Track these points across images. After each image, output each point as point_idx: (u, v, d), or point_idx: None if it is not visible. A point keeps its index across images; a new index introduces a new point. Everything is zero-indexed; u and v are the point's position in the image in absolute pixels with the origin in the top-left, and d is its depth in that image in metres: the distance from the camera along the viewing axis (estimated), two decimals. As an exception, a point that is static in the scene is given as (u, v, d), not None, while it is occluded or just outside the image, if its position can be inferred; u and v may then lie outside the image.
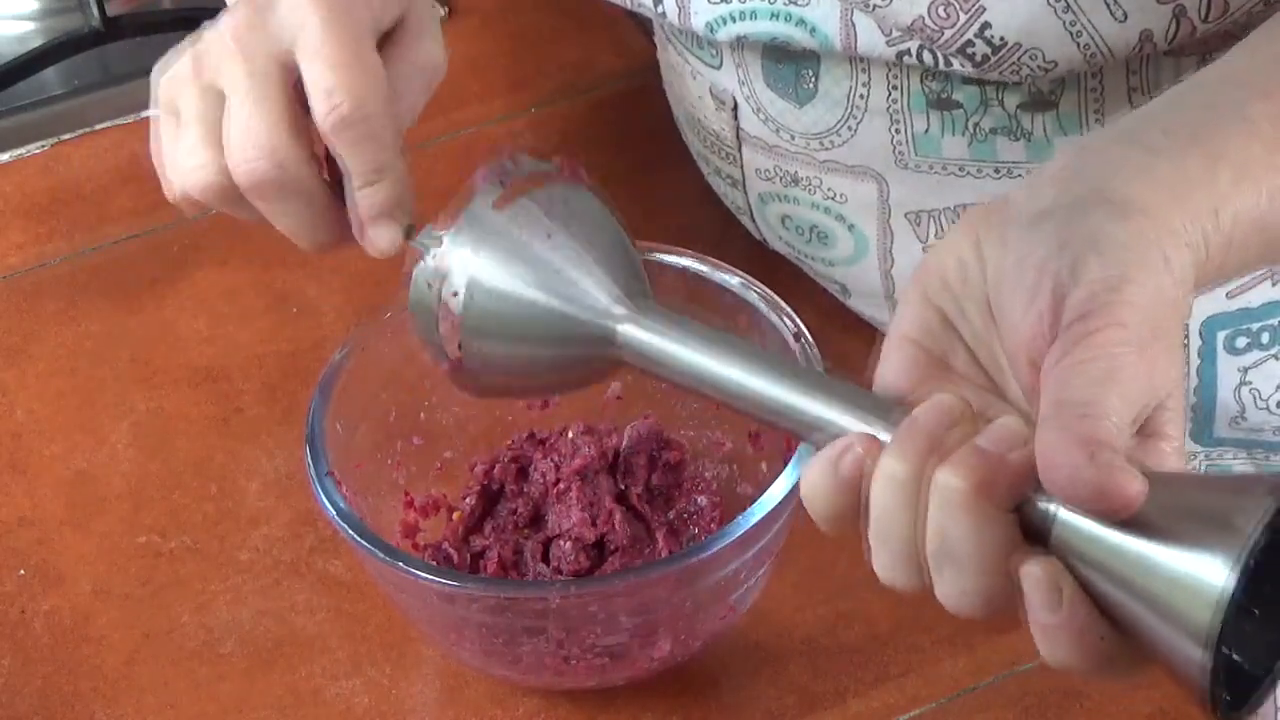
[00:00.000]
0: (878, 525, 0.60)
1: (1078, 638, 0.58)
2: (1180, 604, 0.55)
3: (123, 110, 1.11)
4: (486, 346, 0.70)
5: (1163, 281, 0.60)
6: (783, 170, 0.91)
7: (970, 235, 0.63)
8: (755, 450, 0.84)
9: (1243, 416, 0.91)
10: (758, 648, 0.83)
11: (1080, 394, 0.57)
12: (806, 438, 0.64)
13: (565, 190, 0.70)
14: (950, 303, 0.63)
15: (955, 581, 0.59)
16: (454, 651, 0.80)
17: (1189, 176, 0.62)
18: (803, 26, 0.84)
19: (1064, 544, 0.57)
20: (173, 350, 0.98)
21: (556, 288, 0.69)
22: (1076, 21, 0.79)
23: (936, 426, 0.59)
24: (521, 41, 1.15)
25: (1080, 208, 0.61)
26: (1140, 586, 0.56)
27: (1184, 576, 0.55)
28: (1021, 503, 0.58)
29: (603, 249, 0.70)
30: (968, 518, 0.58)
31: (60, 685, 0.84)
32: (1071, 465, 0.56)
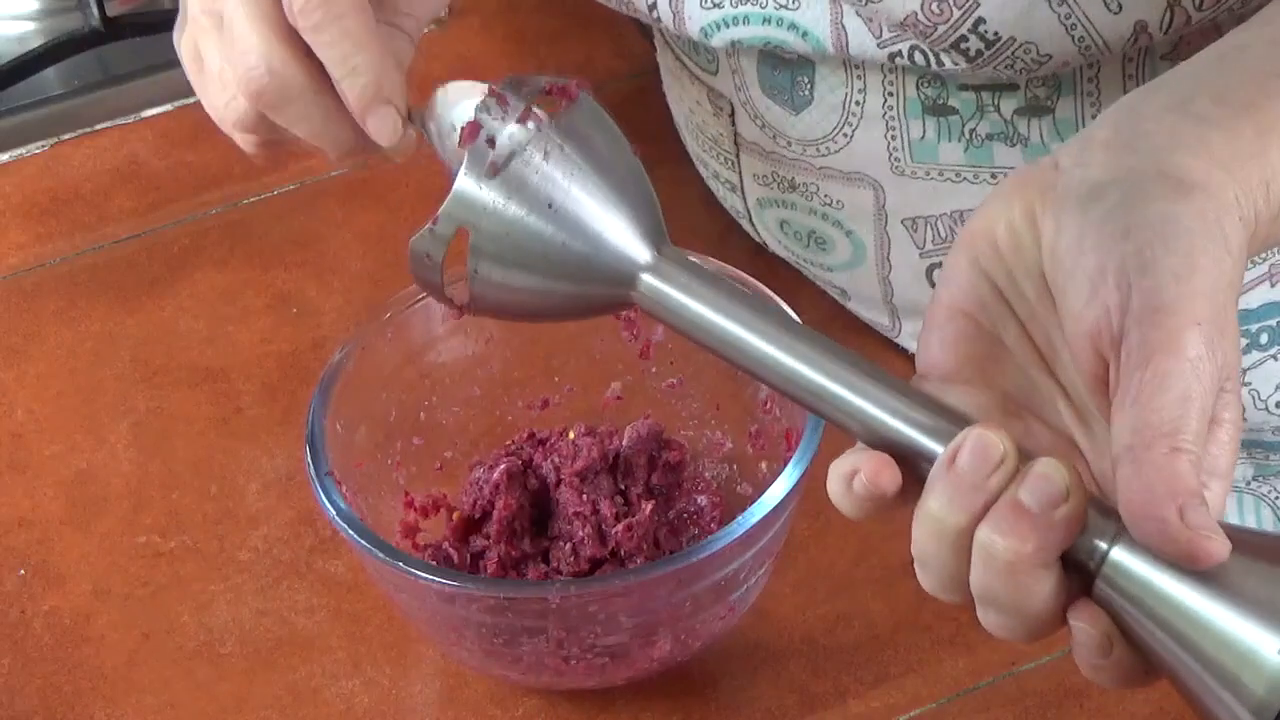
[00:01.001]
0: (921, 557, 0.60)
1: (1122, 676, 0.58)
2: (1240, 674, 0.54)
3: (123, 110, 1.11)
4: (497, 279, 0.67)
5: (1225, 264, 0.59)
6: (780, 176, 0.91)
7: (1020, 201, 0.62)
8: (755, 450, 0.84)
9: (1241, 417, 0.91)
10: (758, 648, 0.83)
11: (1165, 417, 0.56)
12: (836, 423, 0.63)
13: (568, 119, 0.68)
14: (1002, 273, 0.62)
15: (1000, 620, 0.59)
16: (454, 651, 0.80)
17: (1242, 149, 0.62)
18: (794, 30, 0.84)
19: (1114, 585, 0.57)
20: (173, 350, 0.98)
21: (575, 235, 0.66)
22: (1071, 14, 0.79)
23: (980, 474, 0.58)
24: (521, 41, 1.15)
25: (1137, 184, 0.60)
26: (1195, 643, 0.55)
27: (1248, 649, 0.54)
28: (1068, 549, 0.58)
29: (618, 184, 0.68)
30: (1013, 577, 0.58)
31: (60, 685, 0.84)
32: (1161, 520, 0.56)
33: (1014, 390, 0.63)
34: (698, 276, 0.66)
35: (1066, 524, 0.57)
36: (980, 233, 0.62)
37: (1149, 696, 0.80)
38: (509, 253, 0.67)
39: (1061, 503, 0.57)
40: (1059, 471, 0.58)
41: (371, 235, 1.02)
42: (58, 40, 1.15)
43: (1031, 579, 0.58)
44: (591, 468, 0.83)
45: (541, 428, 0.86)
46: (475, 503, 0.83)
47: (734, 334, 0.65)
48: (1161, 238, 0.59)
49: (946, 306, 0.63)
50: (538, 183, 0.66)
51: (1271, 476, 0.94)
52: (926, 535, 0.59)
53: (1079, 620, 0.58)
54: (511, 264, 0.67)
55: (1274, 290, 0.88)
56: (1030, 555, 0.57)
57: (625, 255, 0.66)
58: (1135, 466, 0.56)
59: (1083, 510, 0.57)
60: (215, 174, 1.07)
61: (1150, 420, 0.57)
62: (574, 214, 0.66)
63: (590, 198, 0.67)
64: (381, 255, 1.01)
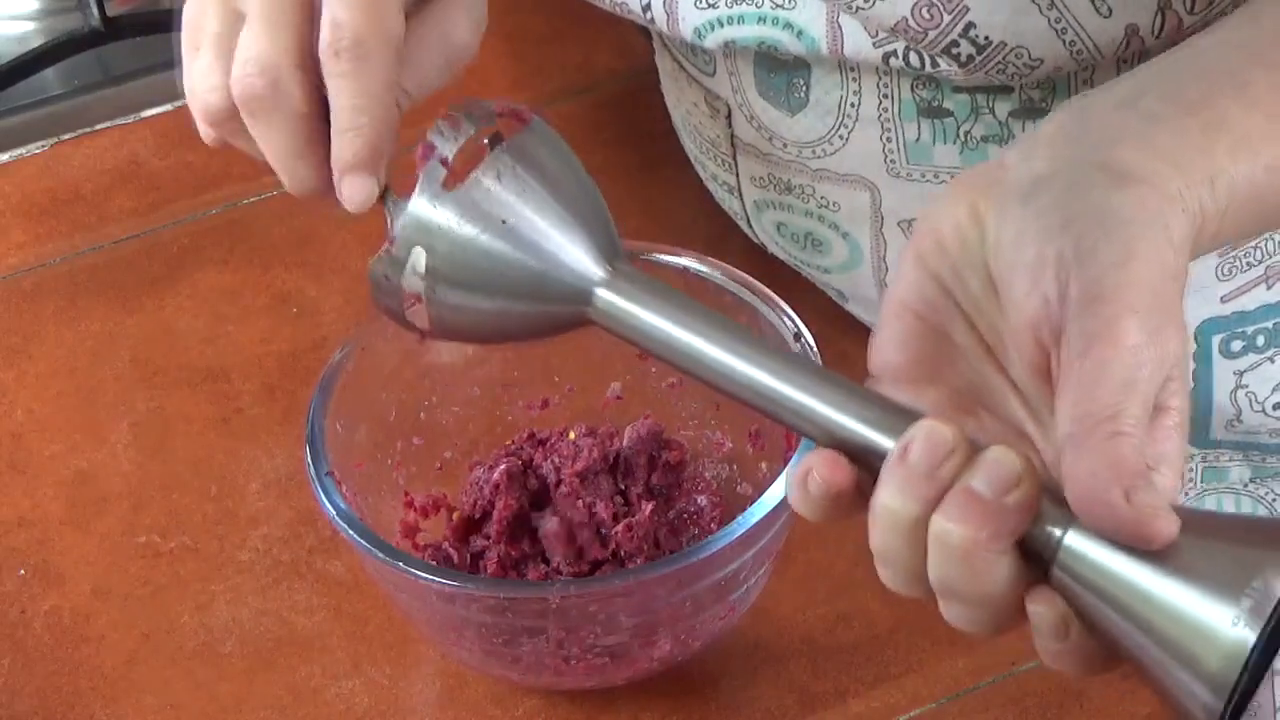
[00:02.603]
0: (879, 552, 0.60)
1: (1083, 660, 0.58)
2: (1195, 649, 0.55)
3: (123, 110, 1.11)
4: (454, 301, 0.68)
5: (1165, 255, 0.59)
6: (776, 178, 0.91)
7: (965, 199, 0.62)
8: (755, 450, 0.84)
9: (1238, 419, 0.91)
10: (758, 648, 0.83)
11: (1105, 403, 0.57)
12: (793, 426, 0.63)
13: (520, 141, 0.69)
14: (948, 270, 0.62)
15: (961, 611, 0.60)
16: (454, 651, 0.80)
17: (1187, 144, 0.62)
18: (790, 30, 0.84)
19: (1069, 570, 0.57)
20: (173, 350, 0.98)
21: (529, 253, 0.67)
22: (1061, 18, 0.79)
23: (931, 464, 0.58)
24: (521, 41, 1.15)
25: (1078, 177, 0.61)
26: (1151, 624, 0.56)
27: (1203, 627, 0.55)
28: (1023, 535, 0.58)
29: (571, 203, 0.68)
30: (969, 564, 0.58)
31: (60, 685, 0.84)
32: (1108, 504, 0.56)
33: (965, 386, 0.64)
34: (650, 290, 0.67)
35: (1019, 509, 0.57)
36: (927, 232, 0.63)
37: (1149, 697, 0.80)
38: (464, 273, 0.67)
39: (1014, 488, 0.57)
40: (1010, 457, 0.58)
41: (371, 235, 1.02)
42: (58, 40, 1.15)
43: (988, 566, 0.58)
44: (591, 468, 0.83)
45: (541, 428, 0.86)
46: (475, 503, 0.83)
47: (687, 344, 0.65)
48: (1100, 228, 0.59)
49: (895, 306, 0.63)
50: (491, 202, 0.67)
51: (1269, 479, 0.94)
52: (882, 529, 0.59)
53: (1035, 604, 0.58)
54: (467, 285, 0.68)
55: (1270, 292, 0.88)
56: (985, 542, 0.57)
57: (579, 272, 0.67)
58: (1078, 452, 0.57)
59: (1035, 495, 0.57)
60: (215, 174, 1.07)
61: (1090, 408, 0.57)
62: (527, 233, 0.67)
63: (543, 217, 0.67)
64: (381, 255, 1.01)
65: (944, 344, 0.63)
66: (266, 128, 0.74)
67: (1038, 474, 0.58)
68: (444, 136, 0.69)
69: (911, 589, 0.60)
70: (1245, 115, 0.64)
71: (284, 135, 0.74)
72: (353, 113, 0.73)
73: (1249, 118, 0.64)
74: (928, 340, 0.63)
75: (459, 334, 0.71)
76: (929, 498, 0.58)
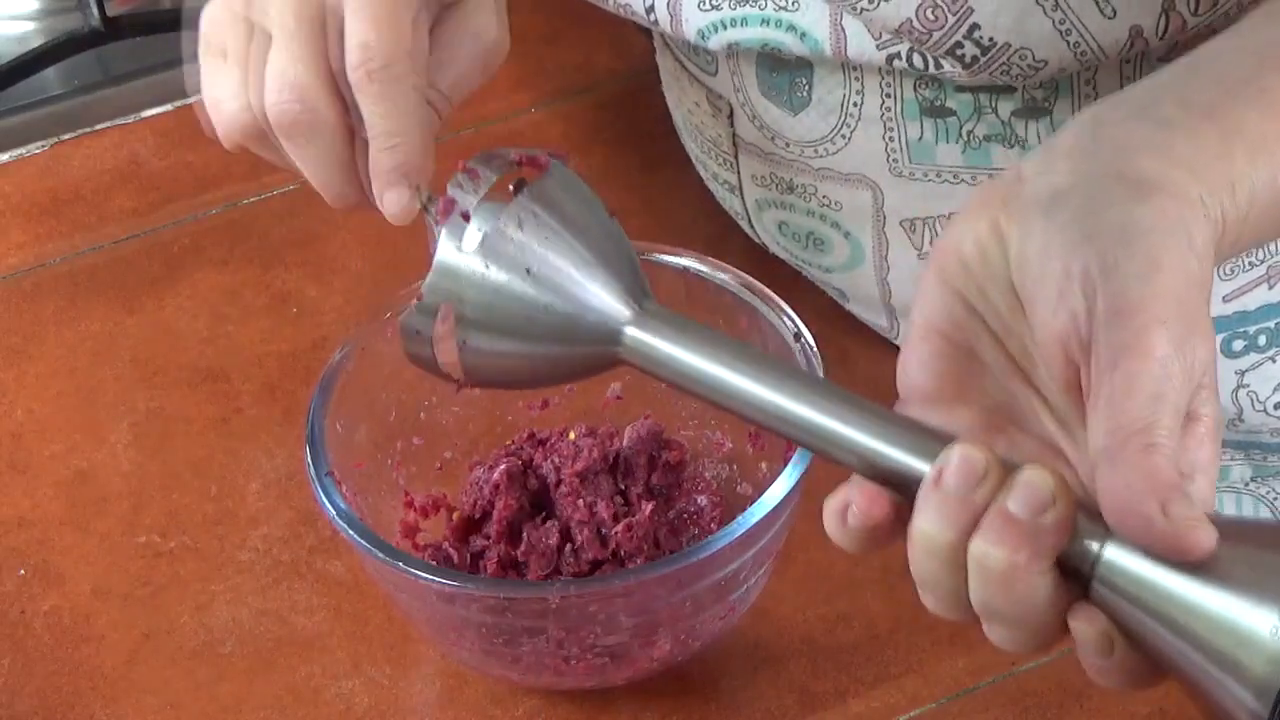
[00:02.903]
0: (920, 578, 0.60)
1: (1129, 675, 0.59)
2: (1238, 657, 0.55)
3: (123, 110, 1.11)
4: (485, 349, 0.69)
5: (1189, 263, 0.59)
6: (778, 177, 0.91)
7: (985, 215, 0.62)
8: (755, 450, 0.84)
9: (1240, 419, 0.91)
10: (758, 648, 0.83)
11: (1136, 416, 0.57)
12: (826, 455, 0.63)
13: (541, 186, 0.70)
14: (972, 287, 0.62)
15: (1004, 632, 0.60)
16: (454, 651, 0.80)
17: (1206, 150, 0.62)
18: (793, 32, 0.84)
19: (1109, 585, 0.57)
20: (173, 350, 0.98)
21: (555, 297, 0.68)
22: (1065, 20, 0.79)
23: (966, 489, 0.59)
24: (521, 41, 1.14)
25: (1098, 189, 0.60)
26: (1193, 633, 0.56)
27: (1243, 632, 0.55)
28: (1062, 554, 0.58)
29: (596, 245, 0.69)
30: (1010, 586, 0.58)
31: (60, 685, 0.84)
32: (1144, 517, 0.56)
33: (995, 405, 0.64)
34: (680, 327, 0.68)
35: (1056, 528, 0.58)
36: (949, 250, 0.63)
37: (1149, 697, 0.80)
38: (494, 321, 0.68)
39: (1049, 507, 0.57)
40: (1043, 477, 0.58)
41: (371, 235, 1.02)
42: (58, 40, 1.15)
43: (1029, 587, 0.58)
44: (592, 468, 0.83)
45: (541, 428, 0.86)
46: (475, 503, 0.83)
47: (717, 378, 0.66)
48: (1123, 241, 0.59)
49: (921, 328, 0.63)
50: (515, 250, 0.68)
51: (1270, 478, 0.94)
52: (921, 555, 0.60)
53: (1077, 621, 0.58)
54: (497, 332, 0.69)
55: (1272, 292, 0.88)
56: (1024, 563, 0.57)
57: (607, 313, 0.68)
58: (1112, 467, 0.57)
59: (1071, 513, 0.58)
60: (215, 174, 1.07)
61: (1122, 421, 0.57)
62: (553, 277, 0.68)
63: (567, 261, 0.68)
64: (381, 255, 1.01)
65: (972, 363, 0.63)
66: (304, 148, 0.75)
67: (1072, 491, 0.58)
68: (464, 190, 0.70)
69: (955, 613, 0.60)
70: (1263, 120, 0.63)
71: (321, 154, 0.75)
72: (388, 131, 0.73)
73: (1267, 122, 0.63)
74: (955, 360, 0.63)
75: (494, 381, 0.72)
76: (965, 522, 0.58)
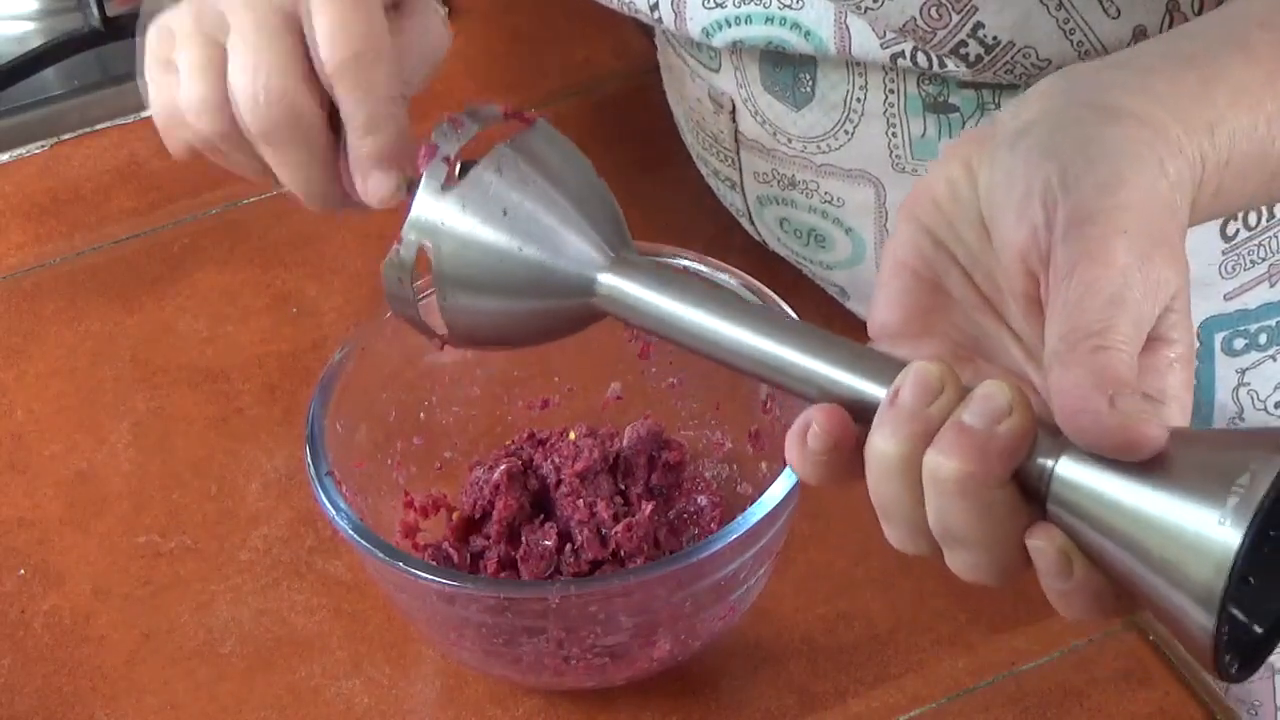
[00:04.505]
0: (879, 503, 0.60)
1: (1093, 600, 0.57)
2: (1185, 565, 0.53)
3: (123, 110, 1.11)
4: (464, 300, 0.69)
5: (1158, 185, 0.58)
6: (780, 173, 0.91)
7: (958, 157, 0.62)
8: (755, 450, 0.84)
9: (1240, 417, 0.91)
10: (758, 648, 0.83)
11: (1092, 319, 0.56)
12: (796, 392, 0.63)
13: (523, 138, 0.70)
14: (942, 223, 0.62)
15: (966, 557, 0.58)
16: (454, 651, 0.80)
17: (1185, 92, 0.61)
18: (797, 30, 0.84)
19: (1064, 500, 0.56)
20: (173, 350, 0.98)
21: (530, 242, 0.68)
22: (1070, 19, 0.79)
23: (920, 403, 0.58)
24: (521, 41, 1.15)
25: (1068, 116, 0.60)
26: (1142, 544, 0.55)
27: (1189, 536, 0.53)
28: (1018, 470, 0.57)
29: (575, 196, 0.69)
30: (965, 501, 0.57)
31: (60, 685, 0.84)
32: (1093, 412, 0.55)
33: (963, 338, 0.63)
34: (652, 273, 0.67)
35: (1011, 439, 0.56)
36: (921, 191, 0.63)
37: (1149, 696, 0.80)
38: (470, 265, 0.68)
39: (1004, 418, 0.56)
40: (1000, 388, 0.57)
41: (371, 235, 1.02)
42: (58, 40, 1.15)
43: (984, 502, 0.57)
44: (592, 469, 0.83)
45: (541, 428, 0.86)
46: (475, 503, 0.83)
47: (689, 320, 0.66)
48: (1087, 157, 0.58)
49: (889, 266, 0.63)
50: (491, 194, 0.68)
51: (1271, 476, 0.94)
52: (878, 476, 0.59)
53: (1034, 540, 0.57)
54: (474, 278, 0.69)
55: (1273, 290, 0.88)
56: (978, 474, 0.56)
57: (582, 258, 0.68)
58: (1063, 368, 0.56)
59: (1028, 426, 0.56)
60: (215, 174, 1.06)
61: (1077, 324, 0.56)
62: (528, 221, 0.68)
63: (544, 207, 0.68)
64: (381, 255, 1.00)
65: (940, 297, 0.63)
66: (289, 154, 0.75)
67: (1031, 407, 0.57)
68: (446, 137, 0.70)
69: (917, 543, 0.59)
70: (1245, 69, 0.63)
71: (305, 155, 0.75)
72: (369, 119, 0.74)
73: (1249, 71, 0.63)
74: (924, 295, 0.63)
75: (475, 337, 0.72)
76: (920, 436, 0.58)
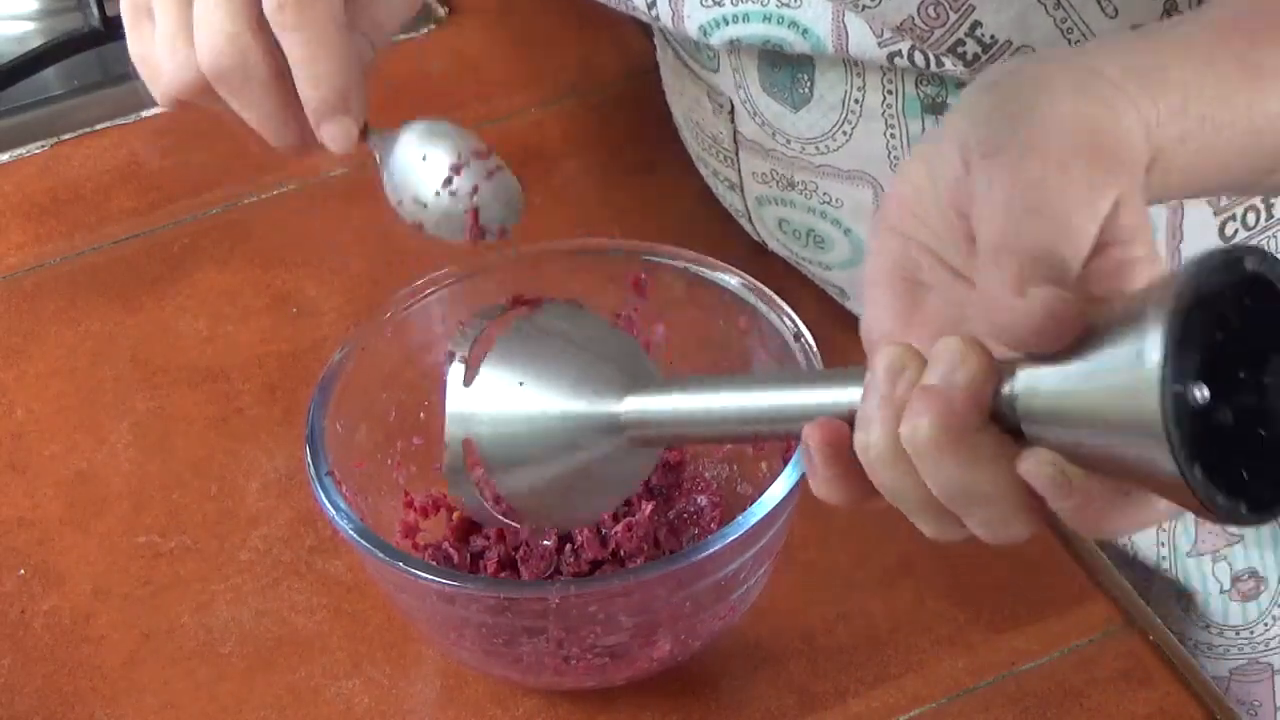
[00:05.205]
0: (891, 497, 0.60)
1: (1111, 507, 0.57)
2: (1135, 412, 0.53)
3: (123, 110, 1.11)
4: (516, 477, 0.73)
5: (1078, 105, 0.59)
6: (779, 174, 0.91)
7: (918, 154, 0.62)
8: (755, 450, 0.84)
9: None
10: (758, 648, 0.83)
11: (1008, 230, 0.57)
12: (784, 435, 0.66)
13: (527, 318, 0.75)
14: (910, 221, 0.63)
15: (982, 516, 0.59)
16: (454, 651, 0.80)
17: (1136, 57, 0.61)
18: (795, 29, 0.84)
19: (1031, 417, 0.57)
20: (173, 350, 0.98)
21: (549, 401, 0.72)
22: (1067, 18, 0.79)
23: (885, 385, 0.59)
24: (521, 41, 1.15)
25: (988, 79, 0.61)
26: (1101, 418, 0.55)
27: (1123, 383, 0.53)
28: (991, 412, 0.57)
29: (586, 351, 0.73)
30: (948, 456, 0.57)
31: (60, 685, 0.84)
32: (1008, 308, 0.56)
33: (946, 320, 0.63)
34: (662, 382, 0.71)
35: (970, 381, 0.57)
36: (888, 200, 0.63)
37: (1149, 697, 0.80)
38: (509, 446, 0.73)
39: (959, 366, 0.57)
40: (950, 341, 0.58)
41: (371, 235, 1.02)
42: (58, 40, 1.15)
43: (968, 451, 0.57)
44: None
45: (541, 428, 0.86)
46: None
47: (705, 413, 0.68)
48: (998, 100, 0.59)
49: (869, 279, 0.64)
50: (505, 372, 0.73)
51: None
52: (874, 468, 0.59)
53: (1025, 466, 0.57)
54: (517, 456, 0.73)
55: (1273, 290, 0.88)
56: (949, 423, 0.57)
57: (600, 397, 0.71)
58: (981, 278, 0.56)
59: (985, 365, 0.57)
60: (215, 174, 1.07)
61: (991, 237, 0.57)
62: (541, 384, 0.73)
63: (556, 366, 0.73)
64: (381, 255, 1.01)
65: (918, 291, 0.63)
66: (243, 95, 0.75)
67: (986, 349, 0.57)
68: (458, 340, 0.75)
69: (940, 523, 0.60)
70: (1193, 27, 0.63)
71: (259, 98, 0.75)
72: (309, 61, 0.74)
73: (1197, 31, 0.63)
74: (904, 294, 0.63)
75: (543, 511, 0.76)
76: (896, 418, 0.58)
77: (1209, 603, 0.94)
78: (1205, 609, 0.95)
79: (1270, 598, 0.95)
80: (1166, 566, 0.94)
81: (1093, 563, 0.86)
